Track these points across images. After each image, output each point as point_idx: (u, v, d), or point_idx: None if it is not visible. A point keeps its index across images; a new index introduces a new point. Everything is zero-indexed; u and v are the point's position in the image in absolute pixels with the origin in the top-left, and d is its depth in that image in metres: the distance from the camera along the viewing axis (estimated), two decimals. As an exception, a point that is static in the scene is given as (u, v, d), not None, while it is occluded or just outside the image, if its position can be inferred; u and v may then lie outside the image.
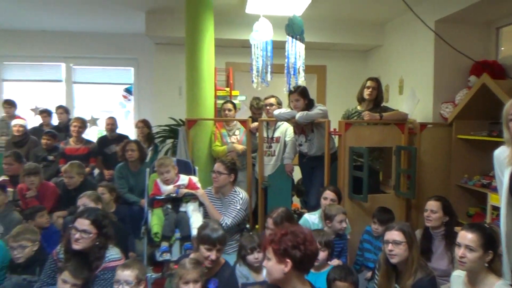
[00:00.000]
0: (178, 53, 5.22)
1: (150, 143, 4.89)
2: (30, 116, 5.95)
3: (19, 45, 5.90)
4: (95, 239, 2.31)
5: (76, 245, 2.28)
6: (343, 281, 2.28)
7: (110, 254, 2.36)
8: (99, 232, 2.33)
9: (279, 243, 1.74)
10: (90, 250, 2.31)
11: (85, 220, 2.31)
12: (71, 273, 2.21)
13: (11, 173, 3.99)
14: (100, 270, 2.30)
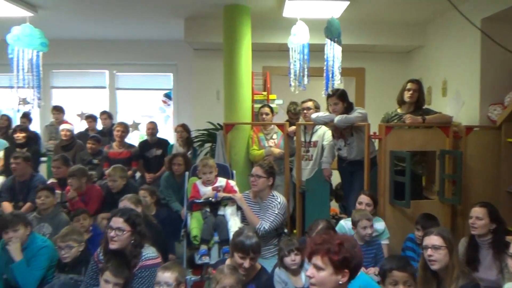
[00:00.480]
0: (216, 58, 5.29)
1: (189, 147, 4.97)
2: (77, 121, 6.23)
3: (66, 53, 6.18)
4: (130, 237, 2.38)
5: (112, 244, 2.35)
6: (401, 270, 2.15)
7: (146, 253, 2.42)
8: (133, 230, 2.39)
9: (338, 253, 1.68)
10: (126, 249, 2.38)
11: (118, 218, 2.38)
12: (112, 272, 2.28)
13: (59, 176, 4.18)
14: (137, 269, 2.36)
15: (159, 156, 5.05)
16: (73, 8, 4.69)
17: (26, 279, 2.75)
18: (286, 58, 4.27)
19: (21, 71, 4.07)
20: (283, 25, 4.68)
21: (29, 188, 4.01)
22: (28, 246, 2.85)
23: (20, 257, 2.76)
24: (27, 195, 4.00)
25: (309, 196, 3.96)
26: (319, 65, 4.26)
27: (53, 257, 2.91)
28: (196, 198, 3.27)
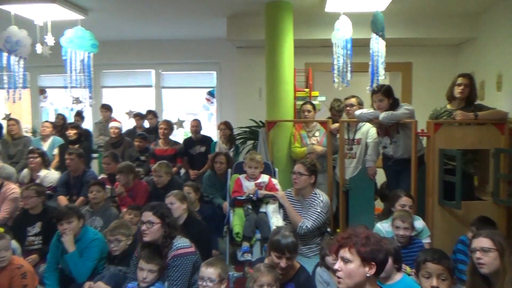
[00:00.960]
0: (258, 55, 5.29)
1: (231, 145, 5.03)
2: (125, 119, 6.49)
3: (115, 54, 6.43)
4: (160, 229, 2.48)
5: (145, 236, 2.47)
6: (436, 263, 2.09)
7: (178, 243, 2.52)
8: (163, 222, 2.50)
9: (365, 245, 1.69)
10: (158, 240, 2.49)
11: (148, 212, 2.50)
12: (144, 260, 2.41)
13: (109, 172, 4.37)
14: (170, 258, 2.46)
15: (203, 153, 5.15)
16: (121, 10, 4.88)
17: (79, 269, 2.90)
18: (329, 54, 4.20)
19: (74, 72, 4.29)
20: (325, 20, 4.61)
21: (82, 183, 4.23)
22: (81, 238, 3.01)
23: (73, 248, 2.92)
24: (80, 189, 4.22)
25: (353, 195, 3.88)
26: (361, 60, 4.18)
27: (103, 249, 3.05)
28: (239, 194, 3.30)
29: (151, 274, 2.40)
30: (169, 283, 2.40)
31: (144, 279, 2.40)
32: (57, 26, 4.26)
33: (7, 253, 2.62)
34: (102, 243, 3.07)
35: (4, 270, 2.61)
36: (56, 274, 3.04)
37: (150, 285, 2.40)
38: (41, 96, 6.97)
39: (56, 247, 3.04)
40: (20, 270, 2.62)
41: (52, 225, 3.38)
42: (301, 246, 3.16)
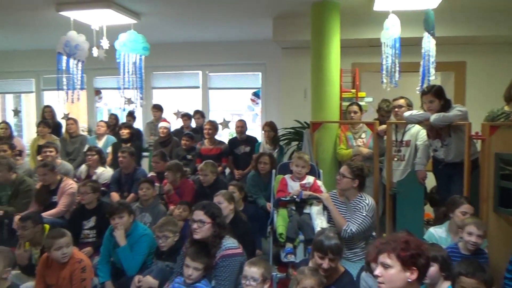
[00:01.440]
0: (304, 56, 5.27)
1: (276, 145, 5.05)
2: (173, 119, 6.70)
3: (164, 56, 6.62)
4: (210, 228, 2.52)
5: (195, 234, 2.52)
6: (470, 277, 2.01)
7: (227, 243, 2.55)
8: (213, 222, 2.53)
9: (405, 250, 1.66)
10: (208, 239, 2.52)
11: (199, 211, 2.54)
12: (190, 257, 2.46)
13: (158, 170, 4.54)
14: (219, 258, 2.49)
15: (248, 153, 5.21)
16: (171, 14, 5.04)
17: (129, 262, 3.04)
18: (376, 54, 4.11)
19: (127, 74, 4.50)
20: (373, 20, 4.50)
21: (133, 180, 4.42)
22: (131, 233, 3.16)
23: (124, 242, 3.06)
24: (131, 186, 4.41)
25: (400, 199, 3.76)
26: (409, 60, 4.04)
27: (152, 244, 3.18)
28: (284, 193, 3.31)
29: (196, 271, 2.46)
30: (216, 282, 2.45)
31: (190, 276, 2.46)
32: (112, 31, 4.48)
33: (68, 249, 2.78)
34: (151, 239, 3.20)
35: (67, 264, 2.78)
36: (108, 266, 3.21)
37: (196, 282, 2.46)
38: (97, 97, 7.36)
39: (108, 241, 3.21)
40: (80, 264, 2.78)
41: (106, 220, 3.56)
42: (346, 250, 3.10)
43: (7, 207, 3.81)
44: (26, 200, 3.92)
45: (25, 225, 3.11)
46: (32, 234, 3.13)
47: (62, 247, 2.74)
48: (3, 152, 4.40)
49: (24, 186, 3.95)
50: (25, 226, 3.10)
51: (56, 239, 2.73)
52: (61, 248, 2.74)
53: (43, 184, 3.99)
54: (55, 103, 6.66)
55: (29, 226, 3.10)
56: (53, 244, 2.72)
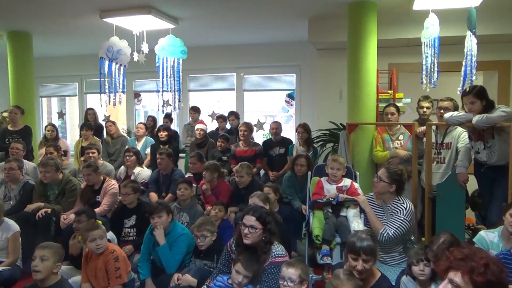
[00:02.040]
0: (340, 57, 5.24)
1: (309, 147, 5.02)
2: (208, 121, 6.82)
3: (201, 59, 6.76)
4: (261, 234, 2.51)
5: (246, 239, 2.51)
6: None
7: (276, 250, 2.54)
8: (264, 228, 2.52)
9: (483, 275, 1.50)
10: (258, 245, 2.53)
11: (251, 216, 2.53)
12: (243, 265, 2.46)
13: (195, 171, 4.64)
14: (267, 264, 2.49)
15: (282, 154, 5.22)
16: (208, 18, 5.15)
17: (169, 261, 3.13)
18: (414, 54, 4.03)
19: (166, 77, 4.64)
20: (412, 19, 4.42)
21: (171, 181, 4.54)
22: (170, 232, 3.24)
23: (164, 241, 3.16)
24: (169, 187, 4.53)
25: (440, 202, 3.66)
26: (448, 59, 3.93)
27: (190, 243, 3.26)
28: (319, 196, 3.30)
29: (246, 279, 2.47)
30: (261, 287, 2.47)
31: (239, 283, 2.47)
32: (151, 35, 4.63)
33: (102, 241, 2.92)
34: (189, 238, 3.29)
35: (101, 255, 2.93)
36: (148, 264, 3.31)
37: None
38: (136, 100, 7.61)
39: (148, 239, 3.31)
40: (113, 254, 2.93)
41: (145, 219, 3.68)
42: (383, 254, 3.07)
43: (54, 205, 4.01)
44: (72, 199, 4.12)
45: (80, 219, 3.32)
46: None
47: (96, 239, 2.89)
48: (49, 153, 4.63)
49: (70, 186, 4.15)
50: (80, 220, 3.31)
51: (90, 231, 2.89)
52: (95, 239, 2.88)
53: (87, 184, 4.18)
54: (97, 105, 6.94)
55: (83, 220, 3.30)
56: (88, 236, 2.88)
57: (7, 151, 4.90)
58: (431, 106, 4.22)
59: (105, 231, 3.01)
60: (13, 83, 5.73)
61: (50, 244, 2.49)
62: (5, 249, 3.49)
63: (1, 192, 4.05)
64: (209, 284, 2.67)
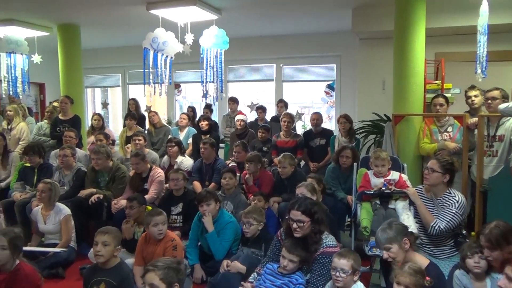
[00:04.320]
0: (383, 47, 5.14)
1: (352, 138, 4.96)
2: (247, 112, 6.86)
3: (240, 50, 6.76)
4: (310, 226, 2.52)
5: (296, 233, 2.54)
6: None
7: (327, 240, 2.55)
8: (312, 219, 2.53)
9: None
10: (308, 236, 2.54)
11: (296, 211, 2.53)
12: (287, 249, 2.51)
13: (239, 160, 4.69)
14: (318, 254, 2.51)
15: (323, 145, 5.19)
16: (250, 8, 5.15)
17: (217, 248, 3.21)
18: (462, 43, 3.87)
19: (209, 68, 4.69)
20: (462, 6, 4.26)
21: (213, 170, 4.62)
22: (218, 219, 3.32)
23: (212, 228, 3.24)
24: (212, 176, 4.61)
25: (492, 197, 3.53)
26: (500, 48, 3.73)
27: (237, 231, 3.33)
28: (366, 189, 3.27)
29: (291, 263, 2.50)
30: (312, 276, 2.49)
31: (285, 267, 2.52)
32: (192, 27, 4.68)
33: (164, 227, 3.05)
34: (235, 226, 3.36)
35: (161, 241, 3.04)
36: (196, 250, 3.41)
37: (290, 273, 2.52)
38: (176, 90, 7.75)
39: (197, 226, 3.41)
40: (172, 243, 3.03)
41: (192, 206, 3.80)
42: (432, 247, 3.03)
43: (105, 191, 4.18)
44: (121, 185, 4.27)
45: (132, 204, 3.48)
46: (138, 213, 3.49)
47: (158, 224, 3.01)
48: (99, 141, 4.81)
49: (120, 173, 4.30)
50: (132, 206, 3.48)
51: (154, 216, 3.02)
52: (158, 225, 3.00)
53: (135, 172, 4.32)
54: (139, 96, 7.13)
55: (135, 206, 3.47)
56: (151, 220, 3.00)
57: (59, 139, 5.13)
58: (480, 94, 4.06)
59: (166, 219, 3.13)
60: (63, 74, 5.97)
61: (109, 229, 2.61)
62: (58, 232, 3.71)
63: (55, 178, 4.25)
64: (259, 271, 2.72)
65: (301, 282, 2.50)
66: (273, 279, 2.57)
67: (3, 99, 7.09)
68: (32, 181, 4.42)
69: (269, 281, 2.58)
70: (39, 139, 5.38)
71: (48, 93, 8.05)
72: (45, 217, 3.66)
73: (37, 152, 4.42)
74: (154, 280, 2.00)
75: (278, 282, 2.54)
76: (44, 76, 7.53)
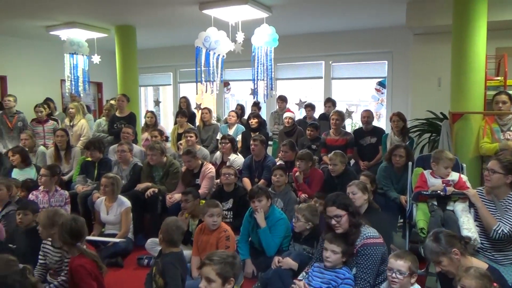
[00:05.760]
0: (439, 42, 4.94)
1: (405, 137, 4.81)
2: (295, 109, 6.84)
3: (289, 48, 6.72)
4: (348, 219, 2.53)
5: (338, 229, 2.54)
6: None
7: (367, 232, 2.54)
8: (348, 212, 2.53)
9: None
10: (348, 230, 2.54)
11: (331, 207, 2.55)
12: (327, 240, 2.53)
13: (286, 159, 4.69)
14: (360, 246, 2.50)
15: (373, 144, 5.07)
16: (301, 5, 5.12)
17: (269, 243, 3.25)
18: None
19: (260, 66, 4.73)
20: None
21: (263, 167, 4.65)
22: (269, 216, 3.36)
23: (264, 224, 3.28)
24: (261, 172, 4.65)
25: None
26: None
27: (287, 228, 3.35)
28: (423, 189, 3.17)
29: (333, 254, 2.50)
30: (358, 269, 2.48)
31: (327, 258, 2.53)
32: (243, 25, 4.74)
33: (219, 218, 3.19)
34: (286, 223, 3.38)
35: (215, 232, 3.20)
36: (247, 245, 3.47)
37: (335, 266, 2.52)
38: (225, 88, 7.88)
39: (248, 222, 3.46)
40: (225, 233, 3.17)
41: (242, 202, 3.87)
42: (494, 252, 2.88)
43: (159, 185, 4.34)
44: (174, 180, 4.42)
45: (187, 198, 3.65)
46: (193, 206, 3.65)
47: (213, 215, 3.16)
48: (154, 137, 5.00)
49: (173, 168, 4.46)
50: (187, 199, 3.64)
51: (210, 207, 3.18)
52: (213, 216, 3.15)
53: (187, 168, 4.45)
54: (189, 94, 7.32)
55: (190, 199, 3.63)
56: (208, 211, 3.16)
57: (116, 135, 5.39)
58: None
59: (222, 211, 3.29)
60: (120, 73, 6.27)
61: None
62: (118, 223, 3.90)
63: (114, 172, 4.46)
64: (307, 271, 2.73)
65: (348, 277, 2.50)
66: (320, 276, 2.58)
67: (65, 97, 7.55)
68: (93, 175, 4.68)
69: (317, 278, 2.58)
70: (98, 135, 5.69)
71: (105, 91, 8.47)
72: (108, 208, 3.88)
73: (97, 148, 4.67)
74: (210, 274, 2.04)
75: (325, 278, 2.54)
76: (102, 75, 7.93)
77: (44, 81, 7.24)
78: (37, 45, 7.08)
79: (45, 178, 4.02)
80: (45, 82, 7.26)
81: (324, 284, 2.52)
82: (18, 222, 3.16)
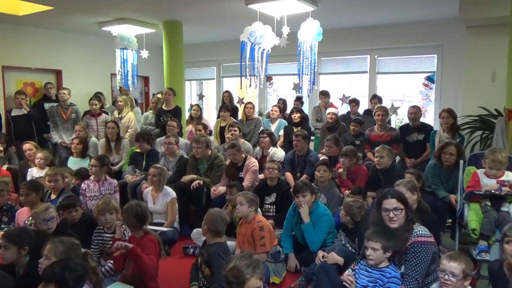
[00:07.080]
0: (495, 35, 4.70)
1: (455, 134, 4.62)
2: (338, 104, 6.74)
3: (333, 42, 6.60)
4: (405, 214, 2.49)
5: (393, 223, 2.48)
6: None
7: (418, 230, 2.48)
8: (406, 207, 2.49)
9: None
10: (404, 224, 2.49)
11: (391, 199, 2.49)
12: (367, 237, 2.49)
13: (330, 155, 4.66)
14: (410, 244, 2.44)
15: (421, 141, 4.92)
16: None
17: (312, 239, 3.25)
18: None
19: (305, 60, 4.70)
20: None
21: (305, 162, 4.64)
22: (313, 211, 3.35)
23: (308, 219, 3.28)
24: (303, 167, 4.64)
25: None
26: None
27: (331, 224, 3.33)
28: (475, 189, 3.05)
29: (374, 252, 2.45)
30: (406, 267, 2.43)
31: (369, 256, 2.48)
32: (288, 19, 4.71)
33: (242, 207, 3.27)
34: (330, 218, 3.36)
35: (249, 223, 3.30)
36: (290, 239, 3.48)
37: (379, 265, 2.47)
38: (267, 83, 7.90)
39: (291, 216, 3.48)
40: (259, 224, 3.26)
41: (285, 197, 3.89)
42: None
43: (204, 178, 4.44)
44: (219, 173, 4.52)
45: (232, 191, 3.75)
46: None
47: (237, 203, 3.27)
48: (199, 131, 5.12)
49: (218, 161, 4.55)
50: (231, 192, 3.75)
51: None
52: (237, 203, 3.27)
53: (231, 161, 4.52)
54: (232, 88, 7.39)
55: (234, 192, 3.70)
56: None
57: (162, 128, 5.56)
58: None
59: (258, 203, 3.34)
60: (167, 67, 6.44)
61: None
62: (164, 213, 4.04)
63: (161, 163, 4.62)
64: (353, 267, 2.70)
65: (395, 276, 2.45)
66: (366, 274, 2.54)
67: (115, 91, 7.86)
68: (141, 165, 4.87)
69: (363, 276, 2.56)
70: (146, 127, 5.89)
71: (152, 85, 8.73)
72: (155, 198, 4.03)
73: (146, 139, 4.85)
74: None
75: (372, 277, 2.51)
76: (149, 69, 8.17)
77: (96, 75, 7.56)
78: (90, 40, 7.41)
79: (95, 168, 4.20)
80: (97, 76, 7.58)
81: (371, 283, 2.49)
82: (72, 219, 3.31)
